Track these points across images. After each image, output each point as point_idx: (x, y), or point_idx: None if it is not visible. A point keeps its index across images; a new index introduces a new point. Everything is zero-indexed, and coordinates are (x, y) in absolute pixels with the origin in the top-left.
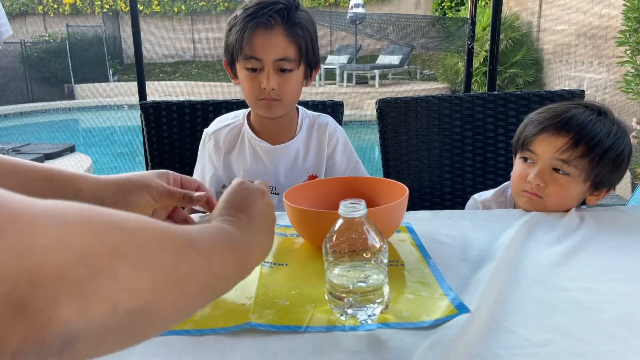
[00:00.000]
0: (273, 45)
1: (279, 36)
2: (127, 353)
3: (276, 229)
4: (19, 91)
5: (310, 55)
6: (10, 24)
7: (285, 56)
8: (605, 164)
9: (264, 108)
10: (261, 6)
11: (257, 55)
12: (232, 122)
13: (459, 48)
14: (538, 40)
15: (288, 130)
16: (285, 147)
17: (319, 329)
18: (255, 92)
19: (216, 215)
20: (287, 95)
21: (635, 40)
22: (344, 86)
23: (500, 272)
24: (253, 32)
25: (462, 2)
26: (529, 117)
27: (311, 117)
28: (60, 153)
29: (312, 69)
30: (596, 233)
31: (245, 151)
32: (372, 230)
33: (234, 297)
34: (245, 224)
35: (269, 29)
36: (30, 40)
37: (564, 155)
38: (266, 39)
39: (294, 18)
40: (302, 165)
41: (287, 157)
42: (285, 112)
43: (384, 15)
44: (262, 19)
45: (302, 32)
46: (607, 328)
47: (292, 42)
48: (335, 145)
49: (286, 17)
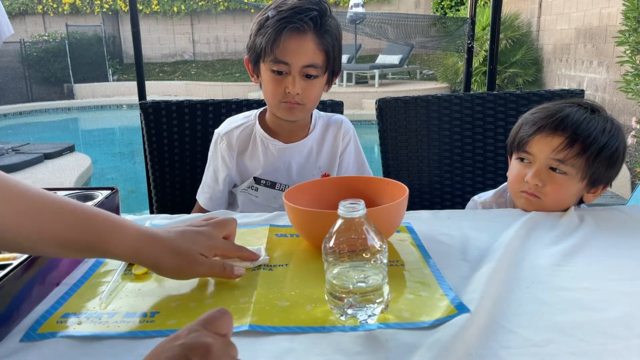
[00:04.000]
0: (303, 51)
1: (310, 42)
2: (126, 353)
3: (276, 229)
4: (18, 91)
5: (336, 62)
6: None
7: (313, 62)
8: (601, 161)
9: (285, 111)
10: (296, 10)
11: (286, 60)
12: (245, 123)
13: (458, 48)
14: (538, 40)
15: (302, 130)
16: (299, 145)
17: (319, 329)
18: (278, 95)
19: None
20: (310, 101)
21: (634, 40)
22: (343, 86)
23: (500, 272)
24: (285, 36)
25: (461, 2)
26: (523, 117)
27: (325, 116)
28: (59, 153)
29: (334, 74)
30: (596, 233)
31: (257, 151)
32: (371, 230)
33: (233, 298)
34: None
35: (302, 34)
36: (29, 40)
37: (560, 154)
38: (298, 44)
39: (326, 25)
40: (315, 163)
41: (300, 155)
42: (305, 116)
43: (384, 14)
44: (297, 24)
45: (331, 39)
46: (607, 328)
47: (322, 50)
48: (348, 144)
49: (319, 23)
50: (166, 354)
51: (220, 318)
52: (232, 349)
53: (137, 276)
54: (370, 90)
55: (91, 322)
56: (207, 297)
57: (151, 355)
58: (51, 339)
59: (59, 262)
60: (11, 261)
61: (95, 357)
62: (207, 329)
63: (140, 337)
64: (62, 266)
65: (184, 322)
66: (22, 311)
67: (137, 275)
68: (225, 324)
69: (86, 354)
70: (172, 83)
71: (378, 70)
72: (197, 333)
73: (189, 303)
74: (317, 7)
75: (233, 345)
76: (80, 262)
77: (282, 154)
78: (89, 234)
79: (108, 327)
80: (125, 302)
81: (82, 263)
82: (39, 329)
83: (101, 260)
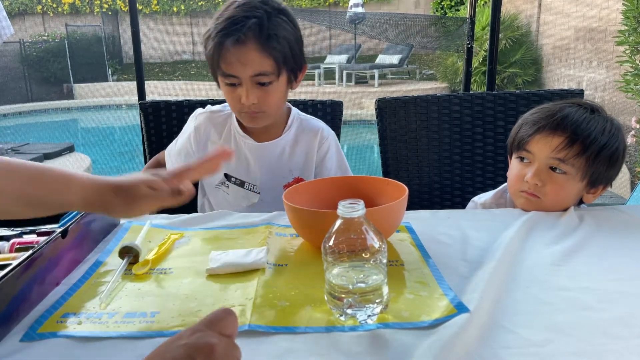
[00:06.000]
0: (248, 62)
1: (253, 52)
2: (126, 353)
3: (276, 229)
4: (18, 91)
5: (292, 62)
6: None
7: (262, 71)
8: (601, 161)
9: (247, 119)
10: (233, 21)
11: (232, 72)
12: (221, 111)
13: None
14: (537, 40)
15: (276, 129)
16: (270, 145)
17: (318, 329)
18: (237, 106)
19: None
20: (270, 107)
21: (634, 39)
22: (343, 86)
23: (500, 272)
24: (226, 49)
25: (461, 2)
26: (522, 117)
27: (303, 119)
28: (59, 153)
29: (296, 72)
30: (595, 232)
31: (230, 144)
32: (371, 230)
33: (233, 298)
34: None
35: (242, 45)
36: (29, 40)
37: (560, 154)
38: (239, 55)
39: (269, 30)
40: (286, 165)
41: (272, 155)
42: (270, 122)
43: (384, 14)
44: (234, 36)
45: (278, 43)
46: (607, 328)
47: (268, 56)
48: (327, 152)
49: (259, 30)
50: (171, 354)
51: (225, 319)
52: (235, 350)
53: (137, 276)
54: (369, 90)
55: (91, 322)
56: (207, 297)
57: (155, 355)
58: (51, 339)
59: (59, 262)
60: (11, 261)
61: (95, 357)
62: (211, 329)
63: (140, 337)
64: (62, 266)
65: (184, 322)
66: (21, 311)
67: (137, 275)
68: (230, 324)
69: (86, 354)
70: (172, 83)
71: (378, 70)
72: (202, 333)
73: (189, 303)
74: (256, 13)
75: (237, 347)
76: (80, 261)
77: (254, 153)
78: (44, 188)
79: (108, 327)
80: (125, 302)
81: (82, 263)
82: (39, 329)
83: (101, 260)
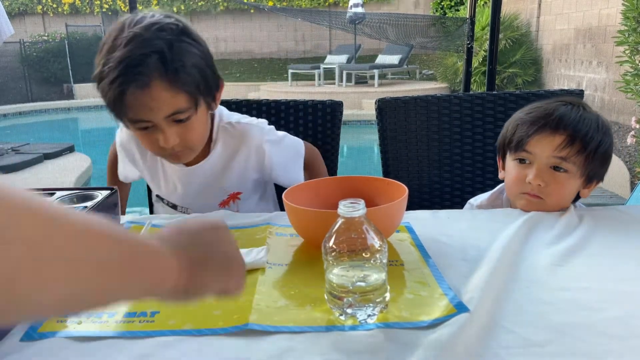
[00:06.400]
0: (158, 105)
1: (162, 92)
2: (126, 352)
3: (276, 229)
4: (18, 91)
5: (206, 88)
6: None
7: (176, 109)
8: (597, 157)
9: (172, 159)
10: (128, 63)
11: (142, 118)
12: None
13: (458, 48)
14: (537, 40)
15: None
16: (197, 169)
17: (318, 329)
18: (156, 150)
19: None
20: (195, 142)
21: (634, 40)
22: (343, 86)
23: (500, 272)
24: (130, 97)
25: (461, 2)
26: (516, 118)
27: (229, 127)
28: (59, 153)
29: (214, 94)
30: (595, 232)
31: (156, 168)
32: (371, 230)
33: (233, 298)
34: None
35: (147, 89)
36: (29, 40)
37: (562, 152)
38: (147, 101)
39: (174, 63)
40: (217, 185)
41: (201, 178)
42: (198, 152)
43: (384, 14)
44: (136, 81)
45: (188, 75)
46: (606, 328)
47: (180, 92)
48: (263, 158)
49: (164, 68)
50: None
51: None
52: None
53: None
54: (369, 90)
55: (91, 321)
56: None
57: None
58: (51, 338)
59: None
60: None
61: (95, 357)
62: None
63: (140, 337)
64: None
65: (184, 322)
66: None
67: None
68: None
69: (86, 354)
70: None
71: (378, 71)
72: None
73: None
74: (155, 47)
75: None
76: None
77: (182, 179)
78: None
79: (108, 327)
80: None
81: None
82: (39, 329)
83: None
